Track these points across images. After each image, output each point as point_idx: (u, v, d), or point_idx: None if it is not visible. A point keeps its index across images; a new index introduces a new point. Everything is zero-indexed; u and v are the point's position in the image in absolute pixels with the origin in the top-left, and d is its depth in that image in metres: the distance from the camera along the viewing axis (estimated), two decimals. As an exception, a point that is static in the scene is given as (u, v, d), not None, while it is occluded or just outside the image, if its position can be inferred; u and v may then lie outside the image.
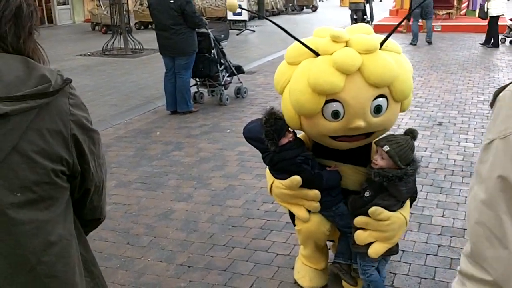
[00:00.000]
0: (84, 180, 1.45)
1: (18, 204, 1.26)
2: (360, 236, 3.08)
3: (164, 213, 4.72)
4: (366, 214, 3.03)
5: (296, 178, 3.02)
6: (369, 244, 3.09)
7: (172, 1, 7.45)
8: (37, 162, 1.27)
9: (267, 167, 3.30)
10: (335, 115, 2.79)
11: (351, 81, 2.73)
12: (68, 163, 1.35)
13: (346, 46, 2.80)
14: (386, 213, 3.00)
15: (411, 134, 3.09)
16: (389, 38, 2.89)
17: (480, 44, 13.72)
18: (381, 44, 2.83)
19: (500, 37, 13.58)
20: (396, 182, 2.99)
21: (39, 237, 1.31)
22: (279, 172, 3.15)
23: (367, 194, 3.07)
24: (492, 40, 13.42)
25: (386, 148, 2.97)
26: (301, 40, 2.92)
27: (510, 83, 1.19)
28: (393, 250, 3.18)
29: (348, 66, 2.71)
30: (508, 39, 13.98)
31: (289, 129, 3.12)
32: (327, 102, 2.78)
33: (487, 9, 13.16)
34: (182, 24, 7.53)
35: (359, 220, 3.07)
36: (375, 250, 3.06)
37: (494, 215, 1.15)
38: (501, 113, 1.16)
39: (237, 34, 16.99)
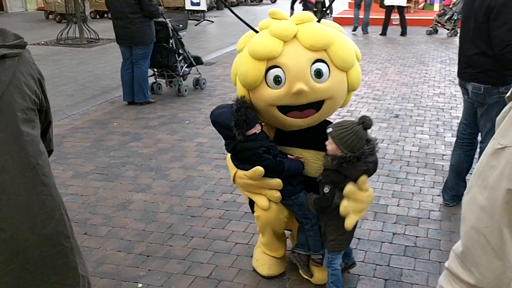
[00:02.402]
0: (47, 115, 1.91)
1: (22, 120, 1.70)
2: (343, 205, 3.13)
3: (122, 203, 4.75)
4: (334, 210, 3.12)
5: (259, 169, 3.11)
6: (336, 241, 3.23)
7: None
8: (25, 92, 1.72)
9: (228, 157, 3.37)
10: (277, 80, 2.99)
11: (289, 47, 2.98)
12: (39, 98, 1.80)
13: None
14: (367, 184, 3.18)
15: (362, 122, 3.06)
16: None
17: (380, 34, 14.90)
18: (319, 20, 3.12)
19: (429, 29, 15.13)
20: (355, 163, 3.03)
21: (34, 146, 1.74)
22: (241, 162, 3.22)
23: (326, 190, 3.09)
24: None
25: (329, 129, 3.05)
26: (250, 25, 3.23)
27: None
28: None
29: (282, 31, 2.98)
30: (446, 32, 14.82)
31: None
32: (268, 70, 2.99)
33: None
34: (139, 13, 7.52)
35: (348, 188, 3.10)
36: (350, 222, 3.17)
37: (494, 225, 1.13)
38: None
39: (196, 25, 16.95)
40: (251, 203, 3.47)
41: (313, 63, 2.97)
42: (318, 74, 2.98)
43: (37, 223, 1.71)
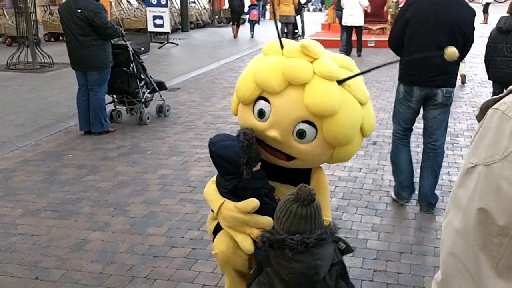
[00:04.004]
0: None
1: None
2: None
3: (77, 243, 4.63)
4: None
5: (254, 201, 2.97)
6: None
7: (79, 11, 7.41)
8: None
9: (209, 187, 3.22)
10: (260, 114, 2.95)
11: (290, 92, 2.87)
12: None
13: (312, 62, 2.89)
14: None
15: (296, 194, 2.55)
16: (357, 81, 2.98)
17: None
18: (342, 80, 2.89)
19: None
20: (276, 251, 2.55)
21: None
22: (239, 199, 3.06)
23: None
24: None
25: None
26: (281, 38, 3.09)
27: (498, 98, 1.15)
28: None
29: (295, 79, 2.85)
30: None
31: None
32: (261, 98, 2.94)
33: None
34: (91, 35, 7.49)
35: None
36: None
37: (469, 248, 1.13)
38: (487, 135, 1.12)
39: (159, 48, 16.96)
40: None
41: (303, 121, 2.87)
42: (300, 135, 2.90)
43: None
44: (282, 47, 3.01)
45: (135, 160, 6.76)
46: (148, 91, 8.48)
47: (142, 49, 8.60)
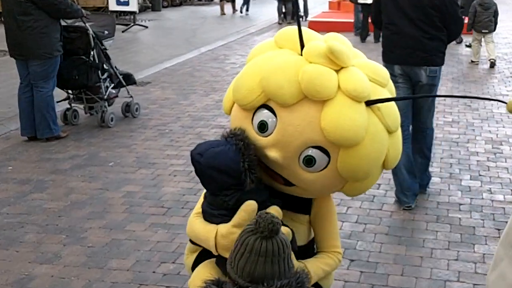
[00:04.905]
0: None
1: None
2: None
3: (19, 280, 4.61)
4: None
5: (249, 205, 2.82)
6: None
7: None
8: None
9: (194, 220, 3.15)
10: (261, 127, 2.82)
11: (305, 107, 2.75)
12: None
13: (337, 71, 2.78)
14: None
15: (257, 227, 2.38)
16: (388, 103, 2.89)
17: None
18: (372, 102, 2.81)
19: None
20: None
21: None
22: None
23: None
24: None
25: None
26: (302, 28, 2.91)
27: None
28: None
29: (309, 88, 2.71)
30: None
31: None
32: (265, 106, 2.82)
33: None
34: (31, 14, 7.44)
35: None
36: None
37: None
38: None
39: (123, 31, 16.98)
40: None
41: (314, 146, 2.77)
42: (308, 162, 2.80)
43: None
44: (302, 46, 2.86)
45: (93, 174, 6.74)
46: (112, 85, 8.47)
47: (106, 32, 8.55)
